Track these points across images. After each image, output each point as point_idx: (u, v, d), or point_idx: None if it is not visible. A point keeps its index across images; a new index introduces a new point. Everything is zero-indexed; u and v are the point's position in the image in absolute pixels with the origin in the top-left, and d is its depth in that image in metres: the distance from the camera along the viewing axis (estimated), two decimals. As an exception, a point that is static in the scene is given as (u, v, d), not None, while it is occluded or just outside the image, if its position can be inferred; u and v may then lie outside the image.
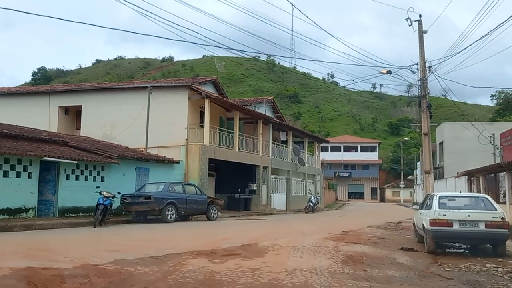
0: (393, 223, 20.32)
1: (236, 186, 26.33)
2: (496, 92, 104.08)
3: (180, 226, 15.39)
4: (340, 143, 71.73)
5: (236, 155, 24.52)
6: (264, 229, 15.62)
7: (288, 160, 31.29)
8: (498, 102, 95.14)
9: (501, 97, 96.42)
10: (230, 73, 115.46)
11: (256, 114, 26.11)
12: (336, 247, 10.97)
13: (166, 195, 16.49)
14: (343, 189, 71.12)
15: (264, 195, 27.46)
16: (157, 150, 22.23)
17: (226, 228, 15.44)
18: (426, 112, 18.79)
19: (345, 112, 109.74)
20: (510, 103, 79.35)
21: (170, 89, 22.80)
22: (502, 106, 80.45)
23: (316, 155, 37.76)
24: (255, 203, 26.54)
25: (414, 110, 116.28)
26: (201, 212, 18.26)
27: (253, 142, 26.65)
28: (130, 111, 22.61)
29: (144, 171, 19.88)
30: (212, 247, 10.02)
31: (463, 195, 11.61)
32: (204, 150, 21.91)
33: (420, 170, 53.62)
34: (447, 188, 36.55)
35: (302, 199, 32.71)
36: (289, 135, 31.47)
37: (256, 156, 26.69)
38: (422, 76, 18.65)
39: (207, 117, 22.18)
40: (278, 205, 29.27)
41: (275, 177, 29.36)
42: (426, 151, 19.12)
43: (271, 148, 28.66)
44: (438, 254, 10.47)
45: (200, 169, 21.79)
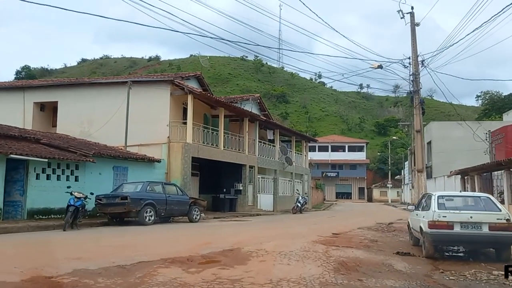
0: (384, 224, 19.44)
1: (221, 186, 25.27)
2: (481, 93, 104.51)
3: (158, 229, 14.25)
4: (328, 142, 71.05)
5: (221, 154, 23.44)
6: (248, 231, 14.57)
7: (275, 159, 30.29)
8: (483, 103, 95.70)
9: (486, 98, 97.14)
10: (217, 72, 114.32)
11: (242, 111, 25.07)
12: (326, 252, 9.99)
13: (144, 196, 15.35)
14: (331, 189, 70.44)
15: (250, 195, 26.42)
16: (137, 148, 21.07)
17: (208, 231, 14.34)
18: (418, 108, 17.97)
19: (332, 112, 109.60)
20: (496, 103, 79.92)
21: (151, 84, 21.64)
22: (488, 106, 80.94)
23: (304, 155, 36.83)
24: (241, 204, 25.49)
25: (401, 110, 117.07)
26: (183, 213, 17.16)
27: (239, 140, 25.61)
28: (109, 107, 21.39)
29: (122, 170, 18.70)
30: (189, 253, 8.96)
31: (463, 194, 10.71)
32: (187, 148, 20.80)
33: (408, 170, 53.14)
34: (436, 187, 35.92)
35: (289, 199, 31.74)
36: (276, 134, 30.48)
37: (242, 155, 25.65)
38: (414, 71, 17.84)
39: (190, 113, 21.08)
40: (265, 205, 28.26)
41: (261, 177, 28.35)
42: (419, 149, 18.30)
43: (258, 146, 27.64)
44: (437, 259, 9.55)
45: (183, 168, 20.67)
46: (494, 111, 72.24)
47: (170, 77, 21.55)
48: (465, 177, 21.06)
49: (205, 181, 24.99)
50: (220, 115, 23.68)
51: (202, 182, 24.97)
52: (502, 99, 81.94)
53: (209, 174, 24.99)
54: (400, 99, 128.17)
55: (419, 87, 17.86)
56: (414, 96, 17.95)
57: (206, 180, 24.98)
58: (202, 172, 24.90)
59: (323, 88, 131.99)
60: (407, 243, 12.51)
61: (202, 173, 24.94)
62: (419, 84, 17.89)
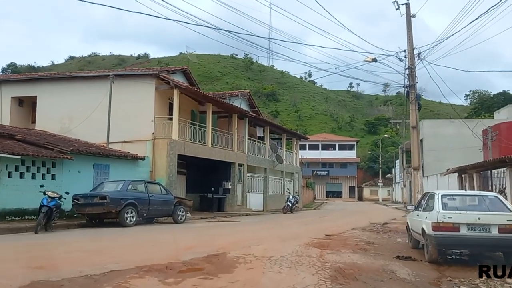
0: (378, 224, 18.66)
1: (209, 185, 24.29)
2: (470, 92, 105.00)
3: (139, 231, 13.25)
4: (318, 141, 70.33)
5: (208, 151, 22.47)
6: (237, 233, 13.64)
7: (265, 157, 29.39)
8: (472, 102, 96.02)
9: (474, 97, 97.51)
10: (207, 70, 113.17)
11: (230, 107, 24.10)
12: (321, 256, 9.11)
13: (125, 195, 14.33)
14: (321, 188, 69.73)
15: (239, 194, 25.49)
16: (121, 145, 20.02)
17: (193, 233, 13.36)
18: (414, 103, 17.18)
19: (322, 110, 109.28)
20: (485, 102, 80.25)
21: (135, 78, 20.58)
22: (477, 105, 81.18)
23: (295, 153, 35.95)
24: (230, 203, 24.55)
25: (391, 109, 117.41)
26: (167, 214, 16.17)
27: (227, 137, 24.66)
28: (90, 102, 20.30)
29: (103, 168, 17.64)
30: (169, 259, 8.03)
31: (469, 193, 9.86)
32: (172, 145, 19.79)
33: (399, 168, 52.61)
34: (428, 186, 35.29)
35: (280, 199, 30.88)
36: (266, 131, 29.57)
37: (230, 153, 24.70)
38: (410, 64, 17.04)
39: (176, 109, 20.08)
40: (255, 205, 27.35)
41: (251, 175, 27.42)
42: (415, 146, 17.53)
43: (247, 144, 26.71)
44: (441, 264, 8.74)
45: (168, 166, 19.67)
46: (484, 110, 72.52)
47: (155, 70, 20.50)
48: (462, 175, 20.31)
49: (192, 180, 24.00)
50: (207, 111, 22.70)
51: (189, 181, 23.99)
52: (491, 98, 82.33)
53: (196, 173, 24.00)
54: (390, 98, 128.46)
55: (415, 81, 17.06)
56: (410, 90, 17.15)
57: (194, 178, 23.99)
58: (189, 171, 23.91)
59: (313, 86, 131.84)
60: (405, 245, 11.69)
61: (189, 172, 23.95)
62: (415, 78, 17.10)
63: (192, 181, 23.95)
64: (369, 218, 22.32)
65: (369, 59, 17.92)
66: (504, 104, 75.17)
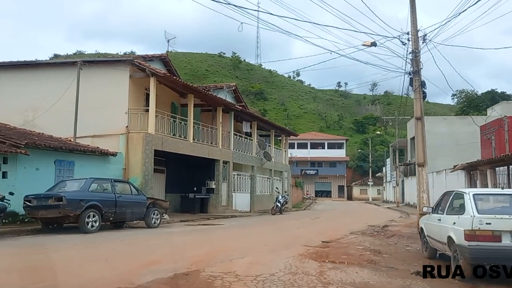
0: (377, 226, 16.68)
1: (191, 184, 22.10)
2: (457, 92, 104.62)
3: (100, 239, 11.01)
4: (307, 139, 68.47)
5: (190, 147, 20.26)
6: (217, 241, 11.49)
7: (253, 154, 27.25)
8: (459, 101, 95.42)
9: (461, 97, 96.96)
10: (194, 69, 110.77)
11: (214, 99, 21.88)
12: (321, 273, 7.03)
13: (86, 196, 12.09)
14: (310, 187, 67.77)
15: (224, 194, 23.32)
16: (91, 140, 17.74)
17: (165, 241, 11.13)
18: (419, 92, 15.20)
19: (310, 109, 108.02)
20: (474, 101, 79.87)
21: (107, 66, 18.28)
22: (466, 104, 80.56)
23: (284, 150, 33.84)
24: (214, 204, 22.38)
25: (379, 108, 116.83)
26: (139, 217, 13.95)
27: (211, 132, 22.46)
28: (56, 92, 17.92)
29: (67, 165, 15.34)
30: (120, 282, 5.89)
31: (505, 192, 7.85)
32: (148, 140, 17.56)
33: (390, 167, 50.92)
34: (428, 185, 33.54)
35: (268, 199, 28.80)
36: (254, 127, 27.43)
37: (215, 149, 22.51)
38: (414, 48, 15.05)
39: (153, 99, 17.86)
40: (241, 205, 25.21)
41: (237, 174, 25.25)
42: (419, 139, 15.57)
43: (233, 140, 24.53)
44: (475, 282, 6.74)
45: (144, 163, 17.44)
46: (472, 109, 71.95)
47: (129, 57, 18.21)
48: (470, 172, 18.39)
49: (173, 178, 21.77)
50: (189, 102, 20.50)
51: (169, 180, 21.75)
52: (479, 97, 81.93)
53: (177, 171, 21.77)
54: (378, 97, 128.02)
55: (419, 67, 15.09)
56: (413, 77, 15.15)
57: (174, 177, 21.76)
58: (169, 169, 21.68)
59: (301, 85, 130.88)
60: (418, 254, 9.70)
61: (169, 170, 21.72)
62: (420, 63, 15.13)
63: (172, 180, 21.72)
64: (364, 220, 20.37)
65: (367, 43, 15.90)
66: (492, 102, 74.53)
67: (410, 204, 37.75)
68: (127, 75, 18.04)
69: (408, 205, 37.89)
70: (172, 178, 21.67)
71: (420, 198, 15.00)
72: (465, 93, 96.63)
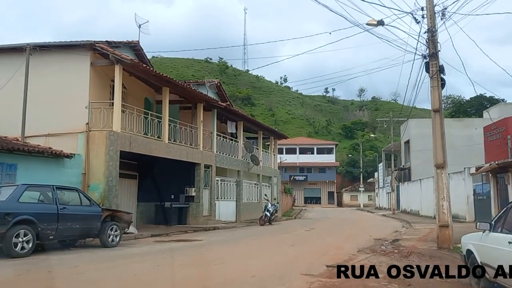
0: (384, 240, 13.85)
1: (167, 191, 19.09)
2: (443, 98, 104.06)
3: (27, 267, 7.91)
4: (296, 144, 65.71)
5: (165, 149, 17.24)
6: (185, 269, 8.42)
7: (239, 157, 24.27)
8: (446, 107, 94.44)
9: (448, 102, 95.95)
10: (180, 74, 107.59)
11: (193, 93, 18.85)
12: None
13: (14, 208, 8.99)
14: (299, 194, 65.01)
15: (206, 202, 20.29)
16: (44, 139, 14.66)
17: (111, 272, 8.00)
18: (437, 79, 12.45)
19: (298, 115, 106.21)
20: (463, 106, 79.45)
21: (62, 52, 15.20)
22: (454, 109, 79.76)
23: (273, 154, 30.91)
24: (194, 214, 19.34)
25: (366, 114, 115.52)
26: (91, 234, 10.88)
27: (191, 132, 19.47)
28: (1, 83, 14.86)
29: (7, 169, 12.20)
30: None
31: None
32: (113, 139, 14.51)
33: (382, 172, 48.37)
34: (421, 192, 30.94)
35: (256, 207, 25.84)
36: (240, 127, 24.48)
37: (195, 151, 19.50)
38: (430, 26, 12.34)
39: (118, 90, 14.83)
40: (225, 215, 22.21)
41: (221, 179, 22.25)
42: (438, 135, 12.87)
43: (216, 141, 21.55)
44: None
45: (107, 167, 14.37)
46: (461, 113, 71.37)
47: (90, 41, 15.16)
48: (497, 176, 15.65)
49: (146, 185, 18.64)
50: (163, 96, 17.49)
51: (142, 187, 18.62)
52: (468, 101, 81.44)
53: (151, 176, 18.70)
54: (365, 103, 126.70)
55: (437, 49, 12.38)
56: (429, 61, 12.43)
57: (148, 184, 18.65)
58: (142, 174, 18.57)
59: (288, 91, 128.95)
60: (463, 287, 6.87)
61: (142, 175, 18.60)
62: (437, 44, 12.43)
63: (146, 187, 18.61)
64: (366, 231, 17.56)
65: (373, 22, 13.16)
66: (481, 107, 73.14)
67: (407, 211, 35.10)
68: (88, 63, 15.01)
69: (405, 212, 35.22)
70: (146, 185, 18.57)
71: (440, 207, 12.23)
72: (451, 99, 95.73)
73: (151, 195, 18.78)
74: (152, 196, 18.81)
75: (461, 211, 23.27)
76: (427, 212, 28.86)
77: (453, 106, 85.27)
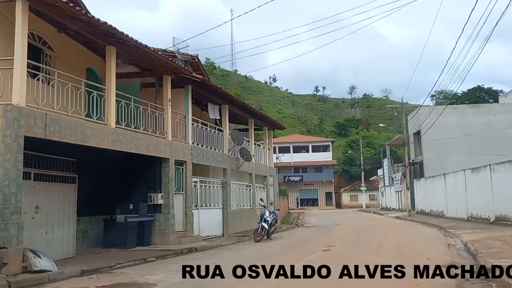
0: (453, 264, 8.14)
1: (123, 199, 13.20)
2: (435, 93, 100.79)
3: None
4: (289, 143, 60.02)
5: (110, 136, 11.31)
6: None
7: (224, 151, 18.36)
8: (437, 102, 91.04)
9: (440, 97, 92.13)
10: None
11: (153, 57, 12.80)
12: None
13: None
14: (294, 195, 59.17)
15: (179, 213, 14.34)
16: None
17: None
18: None
19: (290, 114, 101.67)
20: (460, 98, 76.36)
21: None
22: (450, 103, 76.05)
23: (268, 148, 24.97)
24: (161, 230, 13.41)
25: (358, 111, 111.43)
26: None
27: (154, 116, 13.56)
28: None
29: None
30: None
31: None
32: (11, 118, 8.61)
33: (388, 169, 42.81)
34: (447, 190, 25.26)
35: (248, 215, 20.01)
36: (225, 112, 18.59)
37: (160, 142, 13.57)
38: None
39: (21, 40, 8.93)
40: (208, 228, 16.32)
41: (201, 181, 16.31)
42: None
43: (192, 129, 15.62)
44: None
45: (2, 162, 8.48)
46: (458, 106, 67.53)
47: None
48: None
49: (90, 191, 12.58)
50: (107, 58, 11.59)
51: (84, 194, 12.51)
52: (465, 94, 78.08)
53: (98, 179, 12.73)
54: (357, 100, 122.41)
55: None
56: None
57: (92, 189, 12.60)
58: (84, 175, 12.51)
59: (278, 91, 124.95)
60: None
61: (83, 177, 12.54)
62: None
63: (90, 195, 12.54)
64: (408, 247, 11.87)
65: None
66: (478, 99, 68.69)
67: (425, 212, 29.45)
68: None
69: (422, 214, 29.58)
70: (90, 191, 12.50)
71: None
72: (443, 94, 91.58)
73: (98, 206, 12.85)
74: (99, 206, 12.90)
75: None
76: (456, 214, 23.24)
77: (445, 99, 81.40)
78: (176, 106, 14.76)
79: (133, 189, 13.47)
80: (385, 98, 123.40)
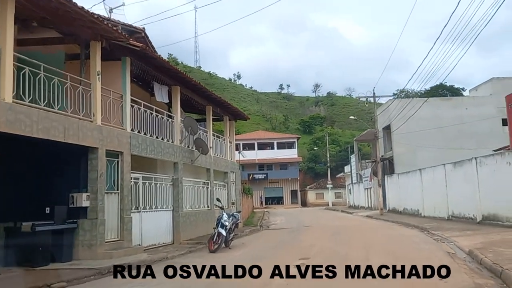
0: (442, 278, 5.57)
1: (34, 201, 9.94)
2: (397, 91, 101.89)
3: None
4: (254, 139, 57.33)
5: (3, 115, 8.06)
6: None
7: (175, 142, 15.24)
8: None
9: (401, 96, 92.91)
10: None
11: (75, 12, 9.54)
12: None
13: None
14: (259, 194, 56.53)
15: (112, 217, 11.14)
16: None
17: None
18: None
19: (254, 111, 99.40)
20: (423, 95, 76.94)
21: None
22: None
23: (228, 140, 21.93)
24: (86, 241, 10.21)
25: (323, 109, 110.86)
26: None
27: (78, 93, 10.33)
28: None
29: None
30: None
31: None
32: None
33: (355, 165, 40.83)
34: (423, 186, 23.19)
35: (205, 217, 17.00)
36: (176, 94, 15.45)
37: (85, 126, 10.34)
38: None
39: None
40: (153, 235, 13.19)
41: (144, 177, 13.16)
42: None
43: (130, 112, 12.41)
44: None
45: None
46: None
47: None
48: None
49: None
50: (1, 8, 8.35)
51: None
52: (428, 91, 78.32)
53: (2, 175, 9.44)
54: (321, 98, 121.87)
55: None
56: None
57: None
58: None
59: (242, 88, 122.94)
60: None
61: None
62: None
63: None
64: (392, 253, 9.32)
65: None
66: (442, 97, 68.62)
67: (398, 210, 27.40)
68: None
69: (395, 212, 27.52)
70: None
71: None
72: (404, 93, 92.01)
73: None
74: (1, 211, 9.55)
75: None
76: (434, 212, 21.17)
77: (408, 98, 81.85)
78: (110, 82, 11.56)
79: (50, 187, 10.21)
80: (349, 97, 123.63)
